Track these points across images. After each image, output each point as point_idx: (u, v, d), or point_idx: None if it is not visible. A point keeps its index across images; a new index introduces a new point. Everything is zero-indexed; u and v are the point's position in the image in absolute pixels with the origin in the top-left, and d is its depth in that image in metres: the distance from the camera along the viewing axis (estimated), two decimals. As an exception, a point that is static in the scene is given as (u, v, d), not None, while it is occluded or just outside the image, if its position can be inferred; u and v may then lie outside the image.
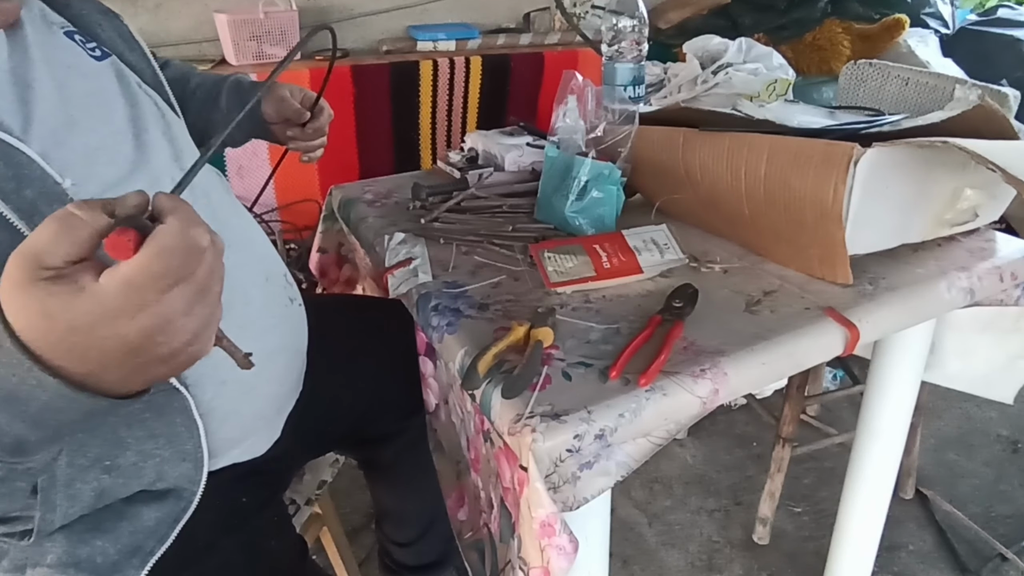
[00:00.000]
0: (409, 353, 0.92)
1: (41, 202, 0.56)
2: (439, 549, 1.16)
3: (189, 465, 0.67)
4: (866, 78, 1.51)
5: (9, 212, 0.53)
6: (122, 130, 0.68)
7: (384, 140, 2.02)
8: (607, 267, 0.85)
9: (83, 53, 0.70)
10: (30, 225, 0.54)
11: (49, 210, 0.55)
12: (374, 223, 1.07)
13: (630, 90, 1.09)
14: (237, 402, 0.72)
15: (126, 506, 0.65)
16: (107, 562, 0.63)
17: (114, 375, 0.40)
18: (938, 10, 2.30)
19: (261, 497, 0.80)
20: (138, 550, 0.65)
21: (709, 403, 0.68)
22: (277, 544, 0.81)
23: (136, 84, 0.74)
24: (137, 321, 0.38)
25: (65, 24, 0.71)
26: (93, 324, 0.37)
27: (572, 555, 0.63)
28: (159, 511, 0.66)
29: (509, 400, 0.64)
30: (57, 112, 0.62)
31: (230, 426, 0.72)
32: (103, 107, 0.68)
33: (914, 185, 0.82)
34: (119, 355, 0.39)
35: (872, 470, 1.17)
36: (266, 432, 0.80)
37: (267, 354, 0.74)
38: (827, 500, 1.63)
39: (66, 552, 0.62)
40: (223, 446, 0.73)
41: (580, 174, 0.94)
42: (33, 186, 0.56)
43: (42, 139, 0.59)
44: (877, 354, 1.08)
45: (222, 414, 0.70)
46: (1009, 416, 1.89)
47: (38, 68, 0.63)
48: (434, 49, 2.06)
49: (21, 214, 0.54)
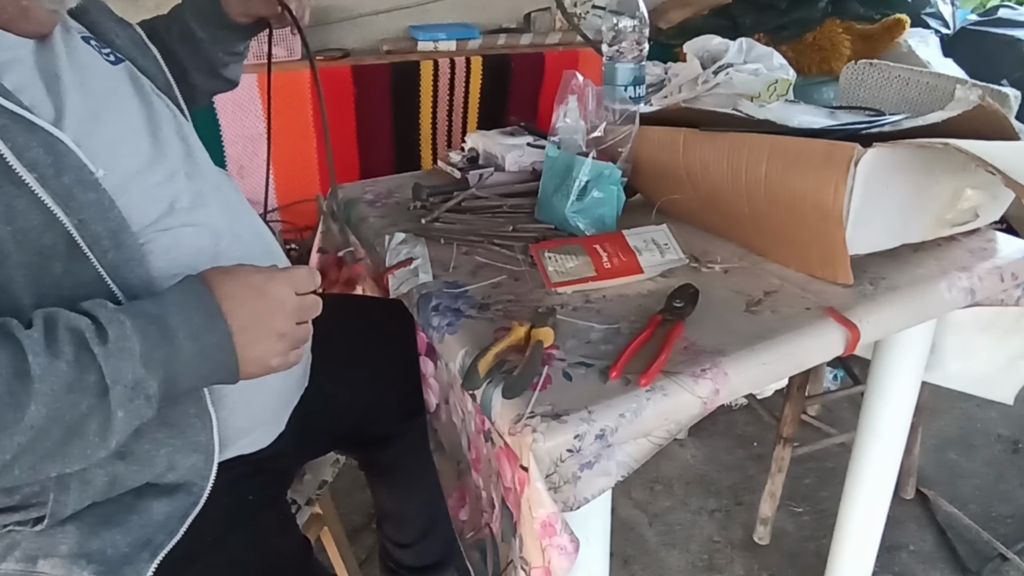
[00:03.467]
0: (410, 354, 0.92)
1: (77, 189, 0.58)
2: (440, 550, 1.16)
3: (200, 456, 0.68)
4: (867, 78, 1.51)
5: (47, 197, 0.56)
6: (138, 127, 0.71)
7: (385, 140, 2.02)
8: (608, 267, 0.85)
9: (99, 57, 0.72)
10: (65, 210, 0.57)
11: (83, 197, 0.58)
12: (375, 223, 1.07)
13: (631, 90, 1.09)
14: (248, 391, 0.73)
15: (136, 500, 0.66)
16: (117, 554, 0.64)
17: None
18: (939, 10, 2.30)
19: (266, 495, 0.81)
20: (148, 543, 0.66)
21: (710, 403, 0.68)
22: (282, 543, 0.81)
23: (150, 89, 0.77)
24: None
25: (82, 30, 0.74)
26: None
27: (573, 555, 0.63)
28: (169, 505, 0.67)
29: (510, 400, 0.64)
30: (84, 104, 0.65)
31: (240, 415, 0.74)
32: (120, 105, 0.71)
33: (915, 185, 0.82)
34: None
35: (873, 470, 1.17)
36: (273, 424, 0.82)
37: None
38: (828, 500, 1.63)
39: (78, 543, 0.63)
40: (232, 435, 0.74)
41: (581, 174, 0.94)
42: (71, 173, 0.58)
43: (74, 129, 0.61)
44: (878, 354, 1.08)
45: (232, 403, 0.72)
46: (1009, 416, 1.89)
47: (63, 64, 0.66)
48: (435, 49, 2.06)
49: (58, 199, 0.57)
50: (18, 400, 0.49)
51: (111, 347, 0.52)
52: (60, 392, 0.50)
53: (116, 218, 0.61)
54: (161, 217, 0.67)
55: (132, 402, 0.54)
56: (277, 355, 0.62)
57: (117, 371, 0.52)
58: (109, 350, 0.52)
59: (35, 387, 0.49)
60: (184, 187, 0.71)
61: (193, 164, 0.75)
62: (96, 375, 0.52)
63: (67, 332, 0.52)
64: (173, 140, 0.74)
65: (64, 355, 0.51)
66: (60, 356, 0.51)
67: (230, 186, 0.82)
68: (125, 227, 0.62)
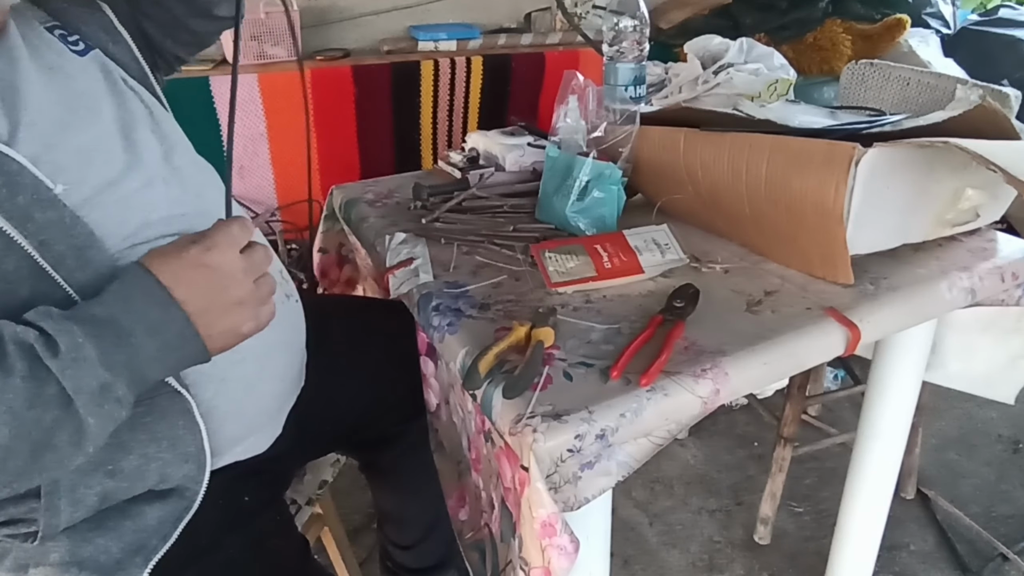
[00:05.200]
0: (410, 354, 0.92)
1: (34, 208, 0.56)
2: (440, 552, 1.16)
3: (192, 466, 0.67)
4: (867, 78, 1.51)
5: (2, 221, 0.54)
6: (111, 131, 0.67)
7: (385, 140, 2.02)
8: (608, 267, 0.85)
9: (66, 50, 0.68)
10: (23, 232, 0.55)
11: (42, 216, 0.56)
12: (375, 223, 1.07)
13: (631, 90, 1.09)
14: (239, 400, 0.72)
15: (129, 505, 0.65)
16: (110, 560, 0.63)
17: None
18: (939, 10, 2.30)
19: (263, 497, 0.80)
20: (141, 548, 0.65)
21: (710, 403, 0.68)
22: (280, 543, 0.81)
23: (122, 80, 0.72)
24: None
25: (46, 19, 0.69)
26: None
27: (573, 555, 0.63)
28: (162, 510, 0.66)
29: (510, 400, 0.64)
30: (47, 114, 0.61)
31: (232, 424, 0.72)
32: (91, 107, 0.67)
33: (915, 185, 0.81)
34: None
35: (873, 470, 1.17)
36: (268, 429, 0.80)
37: (266, 350, 0.74)
38: (828, 500, 1.63)
39: (69, 551, 0.62)
40: (226, 444, 0.73)
41: (581, 174, 0.94)
42: (25, 192, 0.56)
43: (31, 143, 0.58)
44: (878, 354, 1.08)
45: (223, 413, 0.70)
46: (1010, 416, 1.89)
47: (24, 70, 0.62)
48: (435, 49, 2.06)
49: (14, 221, 0.54)
50: None
51: (64, 358, 0.50)
52: (20, 409, 0.48)
53: (81, 234, 0.58)
54: (139, 229, 0.64)
55: (102, 407, 0.52)
56: (245, 322, 0.59)
57: (77, 381, 0.50)
58: (63, 361, 0.50)
59: None
60: (162, 194, 0.68)
61: (171, 169, 0.71)
62: (55, 387, 0.50)
63: (15, 347, 0.50)
64: (150, 140, 0.70)
65: (17, 371, 0.49)
66: (13, 372, 0.49)
67: (213, 186, 0.78)
68: (93, 243, 0.59)
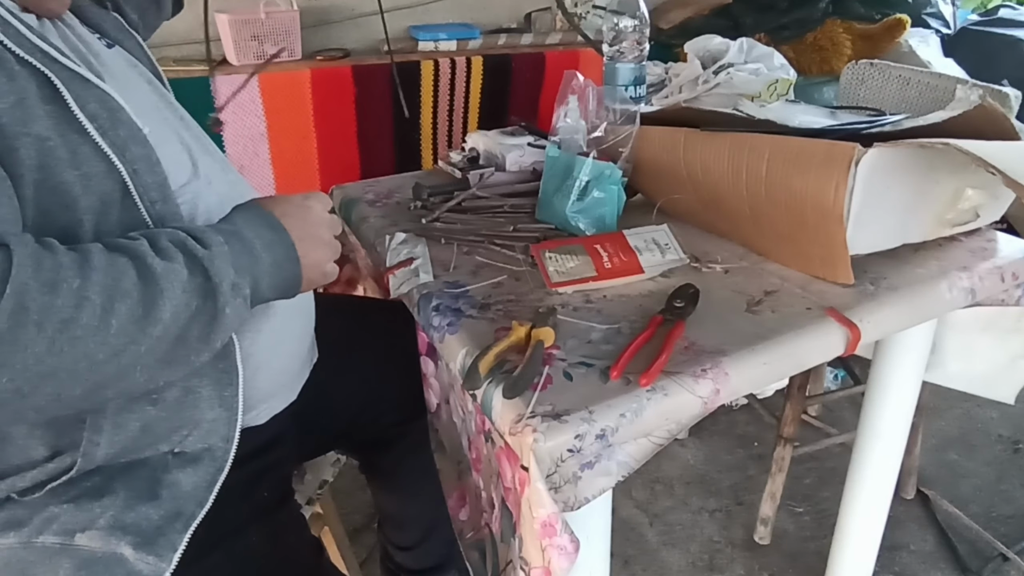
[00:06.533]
0: (410, 354, 0.92)
1: (130, 142, 0.62)
2: (441, 553, 1.16)
3: (223, 412, 0.69)
4: (867, 78, 1.52)
5: (107, 146, 0.60)
6: (149, 99, 0.75)
7: (385, 140, 2.02)
8: (608, 267, 0.85)
9: (97, 41, 0.75)
10: (121, 160, 0.60)
11: (136, 150, 0.62)
12: (375, 223, 1.07)
13: (631, 90, 1.09)
14: (268, 353, 0.77)
15: (164, 474, 0.68)
16: (151, 527, 0.66)
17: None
18: (939, 10, 2.30)
19: (278, 494, 0.82)
20: (179, 515, 0.67)
21: (710, 403, 0.68)
22: (296, 540, 0.83)
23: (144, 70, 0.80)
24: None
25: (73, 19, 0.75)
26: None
27: (573, 555, 0.63)
28: (195, 475, 0.69)
29: (510, 400, 0.64)
30: (115, 73, 0.69)
31: (262, 377, 0.77)
32: (129, 78, 0.75)
33: (915, 185, 0.82)
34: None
35: (873, 470, 1.17)
36: (287, 392, 0.84)
37: (290, 312, 0.80)
38: (828, 500, 1.63)
39: (114, 516, 0.65)
40: (254, 398, 0.76)
41: (581, 174, 0.94)
42: (124, 128, 0.62)
43: (116, 92, 0.63)
44: (878, 354, 1.08)
45: (256, 362, 0.75)
46: (1010, 416, 1.89)
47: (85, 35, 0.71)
48: (435, 49, 2.06)
49: (115, 149, 0.60)
50: (150, 295, 0.53)
51: (214, 250, 0.58)
52: (178, 291, 0.55)
53: (161, 173, 0.64)
54: (189, 181, 0.71)
55: (235, 299, 0.58)
56: (327, 260, 0.68)
57: (221, 271, 0.57)
58: (212, 252, 0.58)
59: (161, 285, 0.54)
60: (208, 164, 0.75)
61: (187, 129, 0.77)
62: (202, 276, 0.56)
63: (169, 242, 0.57)
64: (168, 109, 0.78)
65: (175, 258, 0.56)
66: (173, 259, 0.55)
67: (234, 171, 0.84)
68: (168, 183, 0.65)
